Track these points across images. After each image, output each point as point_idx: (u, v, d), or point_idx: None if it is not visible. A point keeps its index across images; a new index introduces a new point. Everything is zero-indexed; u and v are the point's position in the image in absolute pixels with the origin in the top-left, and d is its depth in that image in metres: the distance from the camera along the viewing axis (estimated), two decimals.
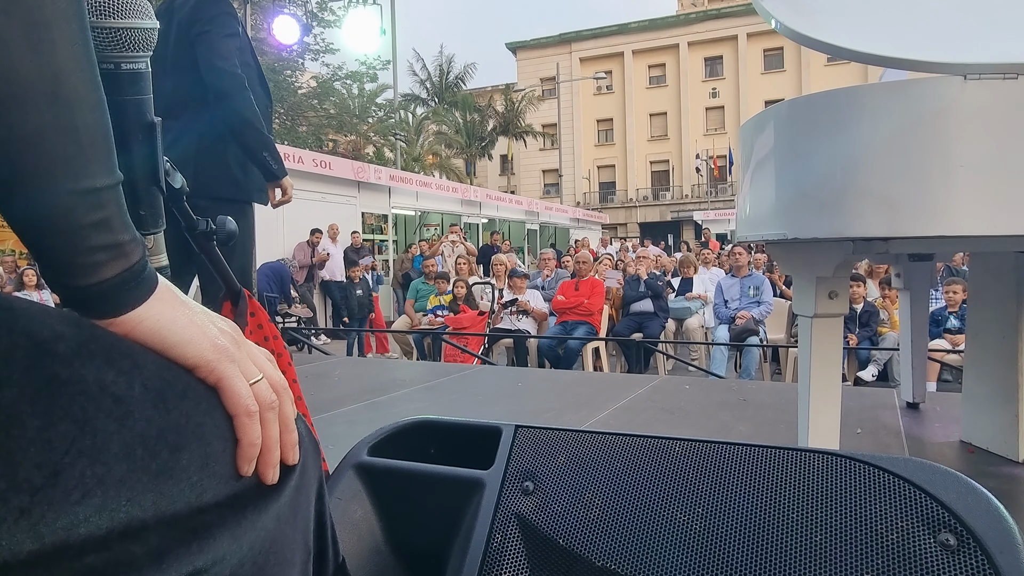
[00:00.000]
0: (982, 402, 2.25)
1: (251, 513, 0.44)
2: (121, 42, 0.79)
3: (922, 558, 0.58)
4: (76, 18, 0.38)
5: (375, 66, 18.21)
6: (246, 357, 0.47)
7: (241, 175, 2.37)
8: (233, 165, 2.35)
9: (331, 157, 12.54)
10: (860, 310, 5.40)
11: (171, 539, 0.38)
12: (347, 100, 21.13)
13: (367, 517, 0.83)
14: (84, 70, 0.39)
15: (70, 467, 0.34)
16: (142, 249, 0.43)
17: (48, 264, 0.40)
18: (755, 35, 33.04)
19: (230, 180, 2.34)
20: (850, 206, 1.53)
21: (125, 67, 0.81)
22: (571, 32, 37.62)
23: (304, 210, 9.68)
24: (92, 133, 0.39)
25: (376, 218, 13.26)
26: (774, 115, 1.74)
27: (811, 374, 1.81)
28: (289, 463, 0.48)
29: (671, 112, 35.73)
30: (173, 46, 2.30)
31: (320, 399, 3.19)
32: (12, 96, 0.36)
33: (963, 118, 1.43)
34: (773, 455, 0.69)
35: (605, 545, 0.69)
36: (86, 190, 0.39)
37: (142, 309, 0.42)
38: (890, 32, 1.79)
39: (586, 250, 9.20)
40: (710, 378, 4.76)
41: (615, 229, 32.66)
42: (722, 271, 7.35)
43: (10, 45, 0.35)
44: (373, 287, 9.08)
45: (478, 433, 0.86)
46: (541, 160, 36.70)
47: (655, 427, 2.70)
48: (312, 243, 9.19)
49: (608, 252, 12.44)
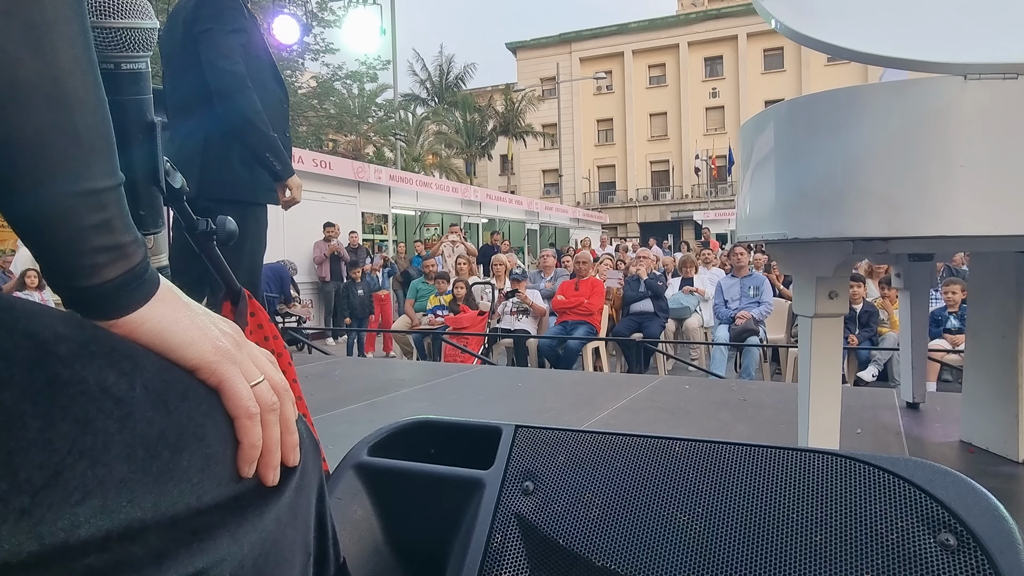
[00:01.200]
0: (982, 402, 2.25)
1: (251, 514, 0.44)
2: (121, 42, 0.79)
3: (922, 558, 0.58)
4: (77, 20, 0.38)
5: (375, 66, 18.20)
6: (247, 359, 0.47)
7: (247, 176, 2.33)
8: (238, 165, 2.31)
9: (331, 157, 12.55)
10: (860, 310, 5.40)
11: (171, 540, 0.38)
12: (347, 100, 21.12)
13: (367, 517, 0.83)
14: (85, 72, 0.39)
15: (71, 468, 0.34)
16: (144, 250, 0.43)
17: (50, 265, 0.40)
18: (755, 35, 33.04)
19: (235, 181, 2.31)
20: (850, 206, 1.53)
21: (125, 67, 0.81)
22: (571, 32, 37.62)
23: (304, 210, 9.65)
24: (93, 135, 0.39)
25: (376, 218, 13.26)
26: (774, 115, 1.74)
27: (811, 374, 1.81)
28: (290, 464, 0.48)
29: (671, 112, 35.73)
30: (180, 45, 2.27)
31: (320, 399, 3.19)
32: (13, 98, 0.36)
33: (963, 118, 1.43)
34: (773, 455, 0.69)
35: (605, 545, 0.69)
36: (87, 192, 0.39)
37: (144, 310, 0.42)
38: (890, 32, 1.79)
39: (587, 250, 9.20)
40: (710, 378, 4.76)
41: (615, 229, 32.67)
42: (722, 271, 7.35)
43: (11, 47, 0.35)
44: (383, 283, 9.07)
45: (478, 433, 0.86)
46: (541, 160, 36.70)
47: (655, 427, 2.70)
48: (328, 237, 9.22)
49: (607, 252, 12.43)
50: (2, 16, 0.35)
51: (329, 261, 9.08)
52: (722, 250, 11.86)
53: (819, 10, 1.88)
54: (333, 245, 9.11)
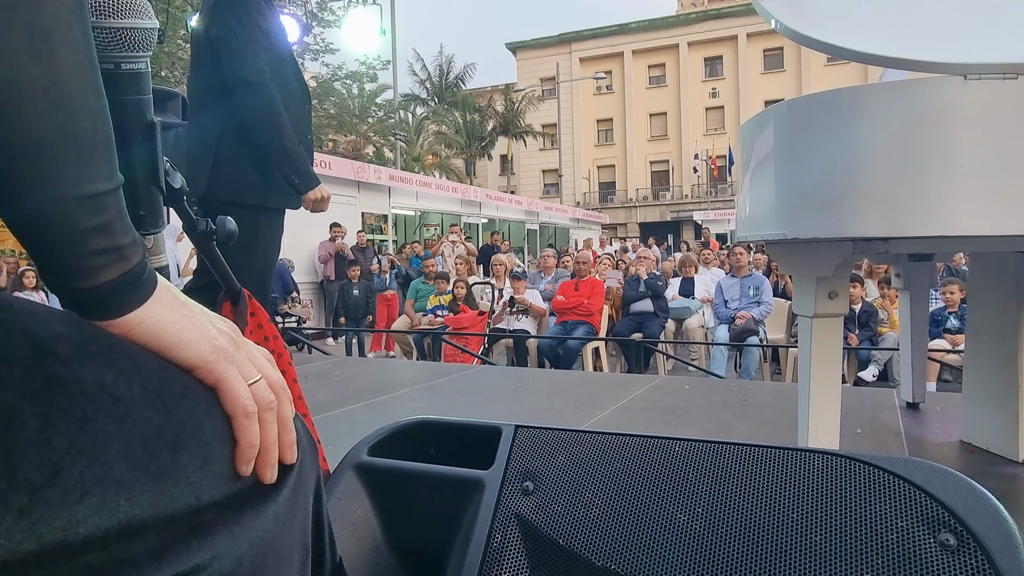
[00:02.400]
0: (982, 402, 2.25)
1: (249, 513, 0.44)
2: (121, 42, 0.79)
3: (922, 558, 0.58)
4: (78, 23, 0.38)
5: (375, 66, 18.22)
6: (244, 358, 0.47)
7: (258, 178, 2.23)
8: (249, 167, 2.22)
9: (331, 157, 12.55)
10: (859, 310, 5.40)
11: (170, 538, 0.38)
12: (347, 100, 21.14)
13: (367, 517, 0.83)
14: (85, 75, 0.39)
15: (69, 467, 0.34)
16: (142, 251, 0.43)
17: (47, 267, 0.40)
18: (755, 35, 33.04)
19: (245, 184, 2.22)
20: (850, 206, 1.53)
21: (125, 67, 0.81)
22: (571, 32, 37.62)
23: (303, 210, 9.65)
24: (93, 138, 0.39)
25: (376, 218, 13.26)
26: (774, 115, 1.74)
27: (811, 374, 1.81)
28: (287, 463, 0.48)
29: (671, 112, 35.73)
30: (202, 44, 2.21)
31: (320, 399, 3.19)
32: (13, 101, 0.36)
33: (963, 118, 1.43)
34: (773, 455, 0.69)
35: (605, 545, 0.69)
36: (86, 195, 0.39)
37: (141, 310, 0.42)
38: (890, 32, 1.79)
39: (587, 250, 9.20)
40: (710, 378, 4.76)
41: (615, 229, 32.67)
42: (722, 271, 7.34)
43: (11, 51, 0.35)
44: (389, 284, 9.04)
45: (478, 433, 0.86)
46: (541, 160, 36.71)
47: (655, 427, 2.70)
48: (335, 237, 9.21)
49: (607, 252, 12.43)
50: (2, 21, 0.35)
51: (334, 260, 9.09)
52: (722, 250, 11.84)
53: (819, 10, 1.88)
54: (338, 244, 9.11)
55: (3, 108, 0.36)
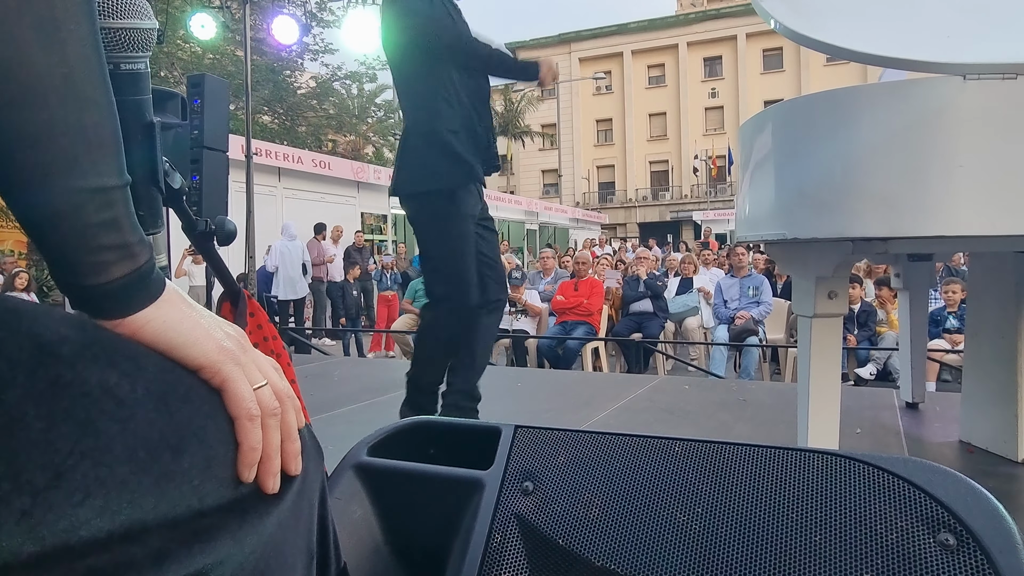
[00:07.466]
0: (982, 402, 2.25)
1: (253, 517, 0.44)
2: (121, 42, 0.79)
3: (922, 558, 0.58)
4: (86, 19, 0.39)
5: (374, 66, 18.21)
6: (251, 363, 0.47)
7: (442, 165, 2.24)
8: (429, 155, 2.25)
9: (331, 157, 12.55)
10: (858, 310, 5.40)
11: (172, 541, 0.38)
12: (346, 100, 21.13)
13: (367, 517, 0.83)
14: (94, 70, 0.39)
15: (72, 469, 0.34)
16: (149, 251, 0.43)
17: (57, 263, 0.40)
18: (754, 35, 33.03)
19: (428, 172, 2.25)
20: (849, 206, 1.54)
21: (125, 67, 0.81)
22: (571, 32, 37.59)
23: (303, 210, 9.68)
24: (101, 132, 0.40)
25: (376, 218, 13.26)
26: (774, 115, 1.74)
27: (811, 374, 1.82)
28: (291, 473, 0.48)
29: (670, 112, 35.71)
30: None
31: (320, 399, 3.19)
32: (22, 94, 0.36)
33: (963, 118, 1.43)
34: (773, 455, 0.69)
35: (605, 545, 0.69)
36: (95, 189, 0.39)
37: (149, 310, 0.42)
38: (890, 32, 1.79)
39: (586, 251, 9.19)
40: (710, 378, 4.76)
41: (615, 229, 32.66)
42: (722, 271, 7.34)
43: (21, 44, 0.35)
44: (389, 285, 9.00)
45: (478, 433, 0.86)
46: (540, 160, 36.67)
47: (655, 427, 2.70)
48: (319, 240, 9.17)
49: (606, 252, 12.43)
50: (13, 13, 0.35)
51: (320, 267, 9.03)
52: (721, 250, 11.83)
53: (819, 10, 1.88)
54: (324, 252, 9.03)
55: (13, 100, 0.36)
